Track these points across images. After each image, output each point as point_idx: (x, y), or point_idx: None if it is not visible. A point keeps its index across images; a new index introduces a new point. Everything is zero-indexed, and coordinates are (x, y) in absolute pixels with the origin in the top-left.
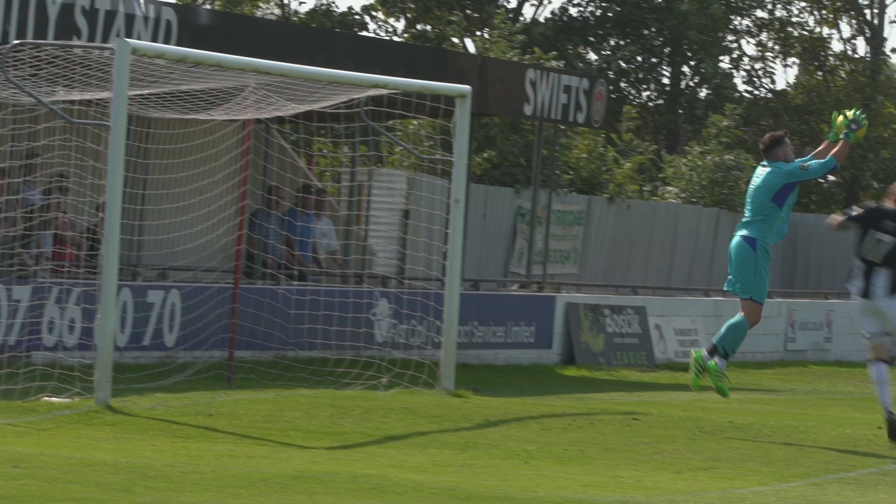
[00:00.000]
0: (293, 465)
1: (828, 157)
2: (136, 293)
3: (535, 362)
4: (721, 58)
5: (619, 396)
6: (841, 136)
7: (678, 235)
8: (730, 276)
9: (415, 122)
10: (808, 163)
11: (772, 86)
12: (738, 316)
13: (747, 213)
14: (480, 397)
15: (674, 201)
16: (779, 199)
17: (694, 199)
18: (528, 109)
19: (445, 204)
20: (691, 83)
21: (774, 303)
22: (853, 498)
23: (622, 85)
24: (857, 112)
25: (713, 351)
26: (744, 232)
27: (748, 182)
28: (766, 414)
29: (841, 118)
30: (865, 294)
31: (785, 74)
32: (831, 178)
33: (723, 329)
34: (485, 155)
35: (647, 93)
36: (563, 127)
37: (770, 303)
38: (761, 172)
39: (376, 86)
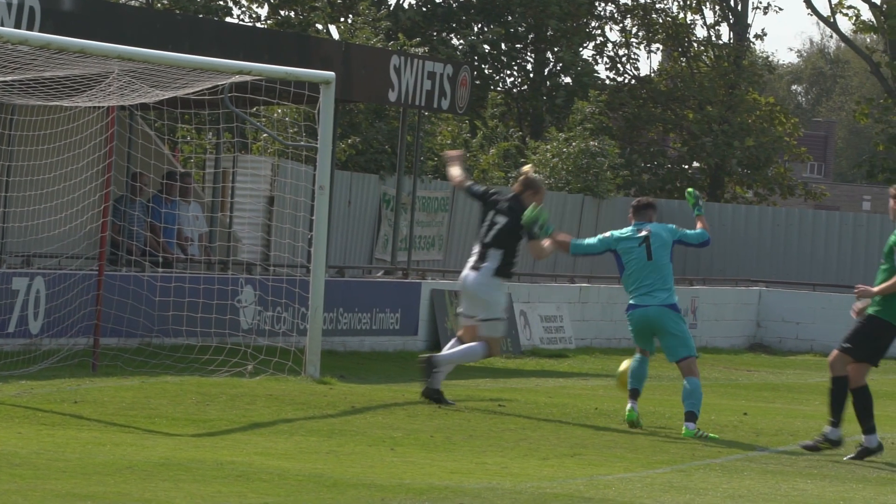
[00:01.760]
0: (159, 453)
1: (703, 231)
2: (0, 280)
3: (400, 349)
4: (585, 44)
5: (484, 383)
6: (696, 212)
7: None
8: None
9: (279, 108)
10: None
11: (636, 72)
12: (688, 379)
13: (655, 280)
14: (346, 384)
15: None
16: (671, 256)
17: (560, 185)
18: (392, 96)
19: (310, 190)
20: (554, 69)
21: None
22: (718, 484)
23: (487, 71)
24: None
25: (692, 416)
26: (663, 300)
27: (612, 169)
28: None
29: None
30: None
31: (649, 61)
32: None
33: (687, 399)
34: (349, 141)
35: (512, 79)
36: (427, 113)
37: None
38: (644, 231)
39: (240, 72)
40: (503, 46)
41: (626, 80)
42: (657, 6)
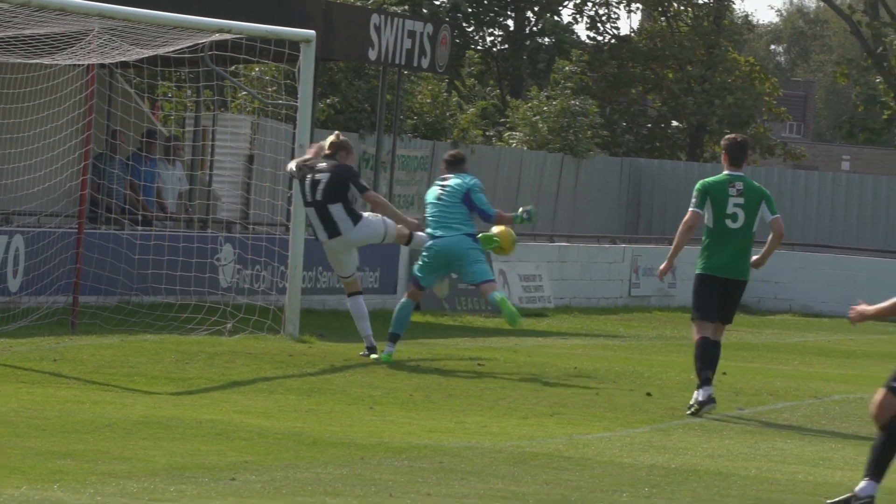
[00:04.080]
0: (138, 411)
1: (493, 209)
2: None
3: (379, 308)
4: (565, 3)
5: (463, 342)
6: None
7: (522, 181)
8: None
9: (257, 66)
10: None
11: (616, 32)
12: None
13: (447, 216)
14: (325, 343)
15: (518, 147)
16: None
17: (540, 144)
18: (372, 55)
19: (290, 149)
20: (534, 28)
21: (619, 248)
22: (698, 444)
23: (469, 30)
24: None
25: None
26: (462, 230)
27: (592, 129)
28: (610, 360)
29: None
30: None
31: (629, 20)
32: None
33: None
34: (328, 100)
35: (492, 38)
36: (407, 72)
37: (614, 248)
38: (446, 180)
39: (220, 30)
40: (484, 2)
41: (606, 40)
42: None
